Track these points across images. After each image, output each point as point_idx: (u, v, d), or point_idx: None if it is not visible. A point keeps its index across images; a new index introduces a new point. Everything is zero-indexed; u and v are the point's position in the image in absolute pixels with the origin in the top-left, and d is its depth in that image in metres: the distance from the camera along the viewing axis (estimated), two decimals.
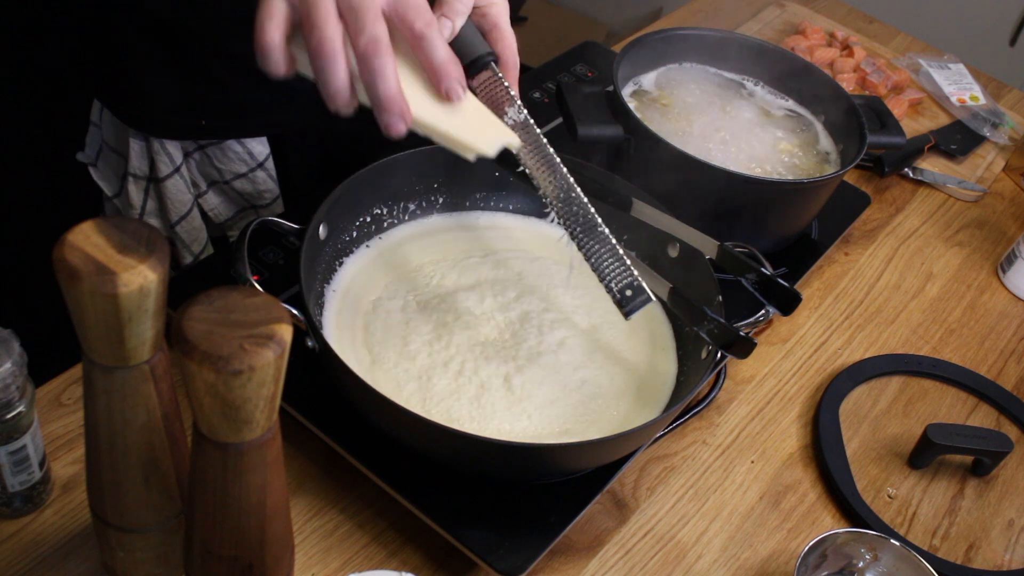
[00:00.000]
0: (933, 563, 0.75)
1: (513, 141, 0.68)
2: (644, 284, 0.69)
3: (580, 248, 0.70)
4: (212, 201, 0.99)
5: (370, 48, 0.59)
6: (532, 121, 0.69)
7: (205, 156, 0.96)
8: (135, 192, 0.95)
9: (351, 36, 0.60)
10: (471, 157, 0.66)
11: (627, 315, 0.70)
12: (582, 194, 0.70)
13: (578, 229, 0.70)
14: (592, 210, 0.70)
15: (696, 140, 1.01)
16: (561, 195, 0.70)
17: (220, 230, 1.02)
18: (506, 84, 0.69)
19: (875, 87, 1.36)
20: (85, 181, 0.97)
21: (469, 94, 0.67)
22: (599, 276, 0.70)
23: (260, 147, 0.96)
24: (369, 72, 0.60)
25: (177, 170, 0.94)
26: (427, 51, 0.63)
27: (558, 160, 0.70)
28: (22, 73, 0.98)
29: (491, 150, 0.66)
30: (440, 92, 0.64)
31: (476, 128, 0.66)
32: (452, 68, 0.64)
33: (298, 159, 1.00)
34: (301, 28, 0.60)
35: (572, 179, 0.70)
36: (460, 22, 0.67)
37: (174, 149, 0.93)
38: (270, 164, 0.98)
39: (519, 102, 0.69)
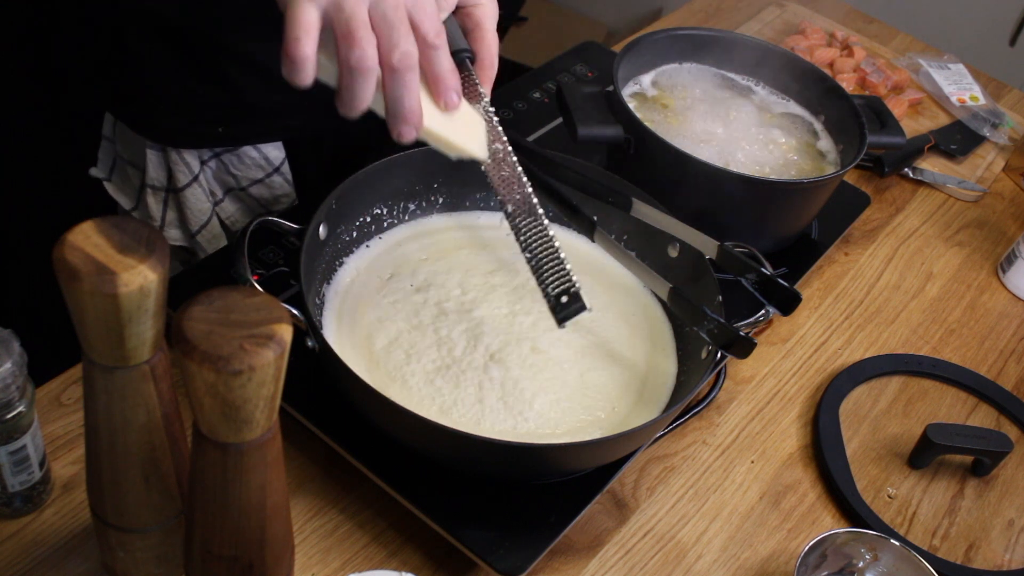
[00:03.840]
0: (933, 563, 0.75)
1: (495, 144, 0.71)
2: (582, 293, 0.68)
3: (523, 248, 0.69)
4: (229, 209, 0.98)
5: (403, 63, 0.61)
6: (496, 120, 0.70)
7: (221, 163, 0.95)
8: (154, 204, 0.95)
9: (383, 49, 0.61)
10: (455, 156, 0.69)
11: (560, 322, 0.68)
12: (532, 194, 0.70)
13: (523, 227, 0.70)
14: (541, 211, 0.69)
15: (696, 140, 1.01)
16: (511, 195, 0.70)
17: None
18: (476, 82, 0.70)
19: (875, 87, 1.36)
20: (98, 196, 0.97)
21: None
22: (537, 278, 0.69)
23: (276, 152, 0.96)
24: (400, 86, 0.61)
25: (195, 179, 0.94)
26: (433, 61, 0.64)
27: (514, 159, 0.70)
28: (33, 89, 0.98)
29: (482, 153, 0.69)
30: (439, 101, 0.66)
31: (466, 131, 0.69)
32: (452, 78, 0.65)
33: (313, 162, 1.00)
34: (336, 40, 0.60)
35: (525, 178, 0.70)
36: (441, 17, 0.67)
37: (191, 158, 0.93)
38: (286, 168, 0.98)
39: (486, 100, 0.70)
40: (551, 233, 0.69)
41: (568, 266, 0.68)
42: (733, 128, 1.03)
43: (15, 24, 0.97)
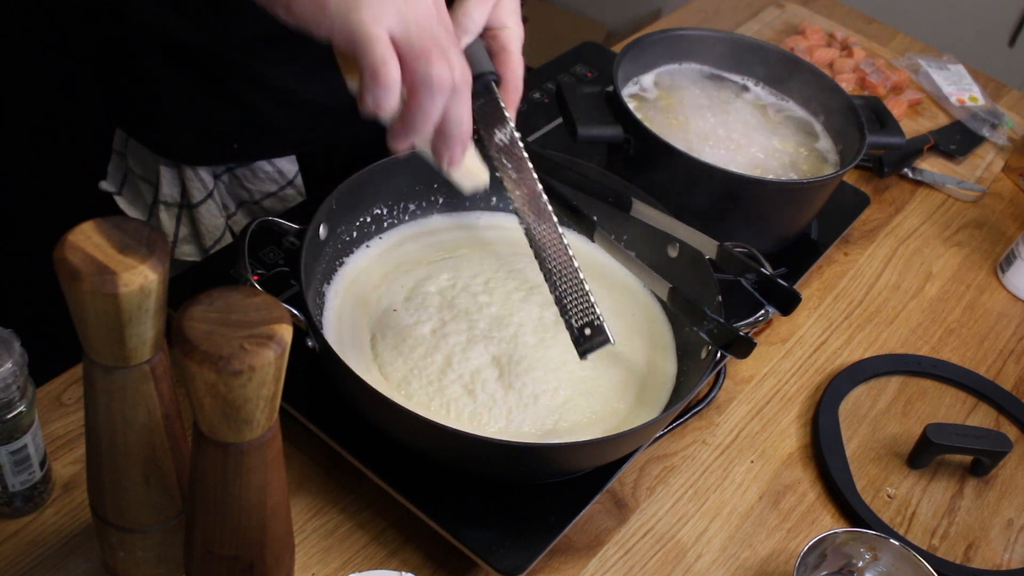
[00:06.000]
0: (932, 563, 0.75)
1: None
2: (606, 326, 0.68)
3: (547, 278, 0.70)
4: (242, 222, 0.98)
5: (462, 84, 0.61)
6: (521, 145, 0.70)
7: (234, 177, 0.95)
8: (167, 220, 0.95)
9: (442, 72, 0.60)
10: (469, 190, 0.70)
11: (582, 355, 0.69)
12: (558, 224, 0.70)
13: (548, 258, 0.70)
14: (566, 242, 0.69)
15: (696, 140, 1.01)
16: (536, 223, 0.70)
17: None
18: (502, 105, 0.69)
19: (874, 87, 1.36)
20: (106, 206, 0.97)
21: None
22: (560, 310, 0.69)
23: (289, 165, 0.96)
24: (460, 105, 0.61)
25: (210, 195, 0.94)
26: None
27: (540, 188, 0.70)
28: (43, 101, 0.98)
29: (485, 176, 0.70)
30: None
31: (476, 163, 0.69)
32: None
33: (326, 174, 1.00)
34: (412, 59, 0.59)
35: (550, 208, 0.70)
36: (467, 40, 0.67)
37: (206, 174, 0.93)
38: (299, 182, 0.98)
39: (512, 125, 0.70)
40: (576, 264, 0.69)
41: (592, 298, 0.68)
42: (732, 128, 1.03)
43: (26, 37, 0.98)
